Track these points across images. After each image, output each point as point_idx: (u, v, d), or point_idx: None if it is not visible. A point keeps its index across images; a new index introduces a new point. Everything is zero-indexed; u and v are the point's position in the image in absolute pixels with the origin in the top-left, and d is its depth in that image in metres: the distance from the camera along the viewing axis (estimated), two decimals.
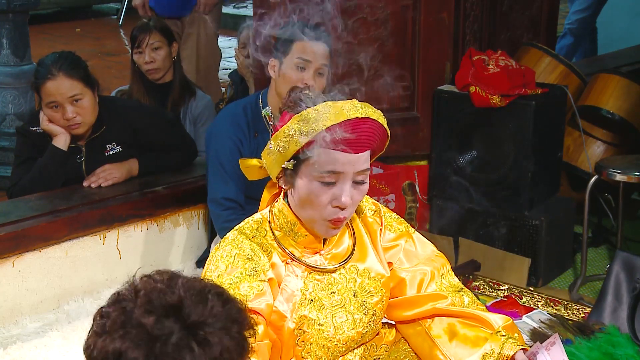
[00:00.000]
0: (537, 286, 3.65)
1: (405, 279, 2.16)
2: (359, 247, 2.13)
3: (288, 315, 2.01)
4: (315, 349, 2.05)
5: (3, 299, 3.19)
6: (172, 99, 4.15)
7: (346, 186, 1.94)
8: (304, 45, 3.16)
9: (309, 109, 1.91)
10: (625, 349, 2.85)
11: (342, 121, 1.89)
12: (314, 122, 1.89)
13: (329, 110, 1.89)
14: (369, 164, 1.98)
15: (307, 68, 3.15)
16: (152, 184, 3.67)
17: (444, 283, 2.16)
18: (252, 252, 1.99)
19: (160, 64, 4.13)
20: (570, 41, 6.39)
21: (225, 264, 1.97)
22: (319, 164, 1.92)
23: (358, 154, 1.93)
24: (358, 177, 1.96)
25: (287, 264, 2.04)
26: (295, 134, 1.90)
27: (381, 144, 2.02)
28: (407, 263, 2.17)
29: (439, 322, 2.12)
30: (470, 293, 2.19)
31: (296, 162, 1.95)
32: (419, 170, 4.01)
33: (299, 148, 1.91)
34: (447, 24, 3.85)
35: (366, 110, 1.93)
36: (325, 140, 1.89)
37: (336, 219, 1.97)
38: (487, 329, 2.05)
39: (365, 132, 1.93)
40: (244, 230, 2.05)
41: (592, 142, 4.07)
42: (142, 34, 4.12)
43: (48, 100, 3.38)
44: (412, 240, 2.20)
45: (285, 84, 3.16)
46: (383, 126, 1.97)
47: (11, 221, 3.24)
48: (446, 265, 2.21)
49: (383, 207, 2.23)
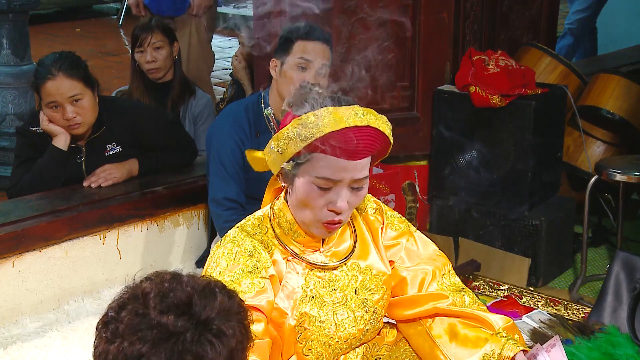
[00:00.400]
0: (537, 286, 3.65)
1: (407, 277, 2.16)
2: (360, 244, 2.13)
3: (289, 312, 2.02)
4: (316, 346, 2.05)
5: (3, 299, 3.19)
6: (172, 98, 4.15)
7: (342, 191, 1.94)
8: (305, 45, 3.16)
9: (309, 114, 1.91)
10: (625, 349, 2.85)
11: (341, 129, 1.88)
12: (313, 127, 1.88)
13: (329, 116, 1.89)
14: (367, 171, 1.97)
15: (308, 68, 3.15)
16: (152, 184, 3.66)
17: (445, 282, 2.16)
18: (254, 249, 1.99)
19: (161, 63, 4.13)
20: (570, 41, 6.39)
21: (226, 261, 1.98)
22: (315, 169, 1.92)
23: (355, 161, 1.92)
24: (355, 185, 1.96)
25: (288, 261, 2.05)
26: (294, 137, 1.90)
27: (382, 151, 2.01)
28: (408, 262, 2.17)
29: (440, 322, 2.12)
30: (472, 293, 2.19)
31: (295, 163, 1.95)
32: (419, 170, 4.01)
33: (297, 152, 1.92)
34: (447, 24, 3.85)
35: (367, 117, 1.92)
36: (323, 146, 1.89)
37: (331, 222, 1.97)
38: (487, 330, 2.05)
39: (364, 140, 1.91)
40: (246, 228, 2.06)
41: (592, 142, 4.07)
42: (144, 34, 4.12)
43: (48, 101, 3.38)
44: (413, 239, 2.20)
45: (287, 84, 3.16)
46: (384, 133, 1.95)
47: (11, 221, 3.24)
48: (447, 265, 2.21)
49: (384, 206, 2.23)
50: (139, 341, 1.38)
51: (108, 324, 1.44)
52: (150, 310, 1.41)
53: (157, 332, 1.39)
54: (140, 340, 1.39)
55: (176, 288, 1.45)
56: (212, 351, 1.40)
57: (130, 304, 1.44)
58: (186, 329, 1.40)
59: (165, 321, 1.40)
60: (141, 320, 1.41)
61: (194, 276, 1.50)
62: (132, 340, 1.39)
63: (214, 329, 1.41)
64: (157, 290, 1.44)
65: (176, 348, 1.38)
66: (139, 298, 1.44)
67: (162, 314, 1.41)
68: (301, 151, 1.91)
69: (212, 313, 1.42)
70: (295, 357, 2.06)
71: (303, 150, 1.91)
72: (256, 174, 3.30)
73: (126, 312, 1.43)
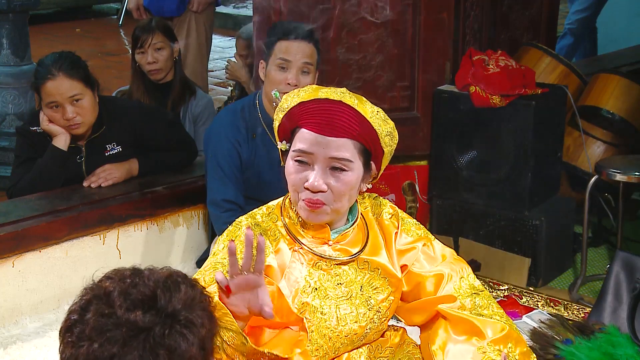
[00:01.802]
0: (537, 286, 3.65)
1: (422, 281, 2.14)
2: (371, 244, 2.13)
3: (290, 300, 2.02)
4: (317, 337, 2.05)
5: (3, 299, 3.19)
6: (172, 99, 4.15)
7: (318, 170, 1.97)
8: (284, 45, 3.18)
9: (294, 90, 2.04)
10: (625, 349, 2.85)
11: (313, 99, 1.96)
12: (291, 98, 2.01)
13: (308, 90, 2.00)
14: (347, 154, 1.97)
15: (288, 68, 3.17)
16: (152, 184, 3.67)
17: (462, 285, 2.14)
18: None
19: (162, 64, 4.13)
20: (570, 41, 6.40)
21: (224, 244, 2.03)
22: (294, 143, 2.00)
23: (330, 138, 1.96)
24: (334, 164, 1.97)
25: (295, 251, 2.06)
26: (278, 111, 2.04)
27: (371, 140, 2.00)
28: (426, 266, 2.16)
29: (440, 333, 2.10)
30: (487, 295, 2.15)
31: (289, 144, 2.04)
32: (419, 170, 4.02)
33: (278, 124, 2.05)
34: (447, 24, 3.85)
35: (343, 95, 1.97)
36: (298, 117, 1.99)
37: (308, 200, 1.98)
38: (476, 342, 2.03)
39: (338, 116, 1.95)
40: (255, 215, 2.10)
41: (592, 142, 4.08)
42: (145, 35, 4.12)
43: (48, 101, 3.38)
44: (430, 244, 2.18)
45: (270, 84, 3.19)
46: (364, 117, 1.97)
47: (11, 221, 3.24)
48: (466, 268, 2.19)
49: (402, 212, 2.22)
50: (109, 342, 1.36)
51: (72, 328, 1.41)
52: (116, 309, 1.39)
53: (127, 330, 1.37)
54: (110, 341, 1.36)
55: (138, 283, 1.43)
56: (184, 343, 1.39)
57: (93, 305, 1.41)
58: (155, 324, 1.38)
59: (133, 318, 1.38)
60: (107, 321, 1.38)
61: (154, 270, 1.48)
62: (102, 342, 1.36)
63: (182, 320, 1.40)
64: (120, 288, 1.42)
65: (148, 344, 1.36)
66: (101, 298, 1.41)
67: (129, 311, 1.38)
68: (284, 127, 2.03)
69: (179, 305, 1.41)
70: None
71: (288, 125, 2.02)
72: (254, 174, 3.32)
73: (91, 314, 1.40)
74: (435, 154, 3.89)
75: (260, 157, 3.28)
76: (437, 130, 3.85)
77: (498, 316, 2.10)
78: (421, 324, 2.20)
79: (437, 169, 3.89)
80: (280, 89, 3.11)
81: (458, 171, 3.79)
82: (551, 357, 2.93)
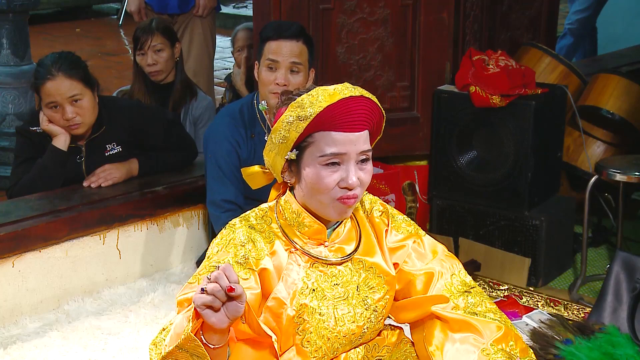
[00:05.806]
0: (537, 286, 3.65)
1: (413, 279, 2.15)
2: (365, 243, 2.13)
3: (287, 302, 2.02)
4: (315, 339, 2.05)
5: (3, 299, 3.19)
6: (173, 100, 4.14)
7: (351, 167, 1.99)
8: (273, 45, 3.19)
9: (303, 96, 1.97)
10: (625, 349, 2.85)
11: (337, 100, 1.94)
12: (310, 105, 1.94)
13: (322, 93, 1.96)
14: (369, 145, 2.02)
15: (277, 68, 3.18)
16: (152, 184, 3.67)
17: (454, 282, 2.14)
18: (247, 240, 2.01)
19: (162, 66, 4.12)
20: (570, 41, 6.40)
21: (217, 247, 2.02)
22: (320, 149, 1.97)
23: (357, 133, 1.98)
24: (361, 157, 2.00)
25: (291, 253, 2.06)
26: (294, 120, 1.95)
27: (378, 125, 2.06)
28: (416, 263, 2.16)
29: (436, 334, 2.10)
30: (479, 292, 2.15)
31: (299, 151, 1.99)
32: (419, 170, 4.02)
33: (299, 134, 1.95)
34: (447, 24, 3.85)
35: (359, 90, 1.99)
36: (324, 121, 1.94)
37: (345, 197, 2.00)
38: (476, 342, 2.03)
39: (361, 110, 1.98)
40: (248, 218, 2.08)
41: (592, 142, 4.08)
42: (145, 36, 4.11)
43: (48, 101, 3.38)
44: (420, 240, 2.19)
45: (262, 85, 3.20)
46: (378, 105, 2.01)
47: (11, 221, 3.24)
48: (457, 265, 2.19)
49: (392, 209, 2.23)
50: None
51: None
52: None
53: None
54: None
55: None
56: None
57: None
58: None
59: None
60: None
61: None
62: None
63: None
64: None
65: None
66: None
67: None
68: (303, 135, 1.96)
69: None
70: (295, 348, 2.06)
71: (305, 133, 1.95)
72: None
73: None
74: (435, 154, 3.89)
75: (259, 156, 3.28)
76: (437, 130, 3.85)
77: (492, 312, 2.11)
78: (411, 321, 2.19)
79: (437, 169, 3.89)
80: (270, 90, 3.14)
81: (458, 171, 3.79)
82: (551, 357, 2.93)
